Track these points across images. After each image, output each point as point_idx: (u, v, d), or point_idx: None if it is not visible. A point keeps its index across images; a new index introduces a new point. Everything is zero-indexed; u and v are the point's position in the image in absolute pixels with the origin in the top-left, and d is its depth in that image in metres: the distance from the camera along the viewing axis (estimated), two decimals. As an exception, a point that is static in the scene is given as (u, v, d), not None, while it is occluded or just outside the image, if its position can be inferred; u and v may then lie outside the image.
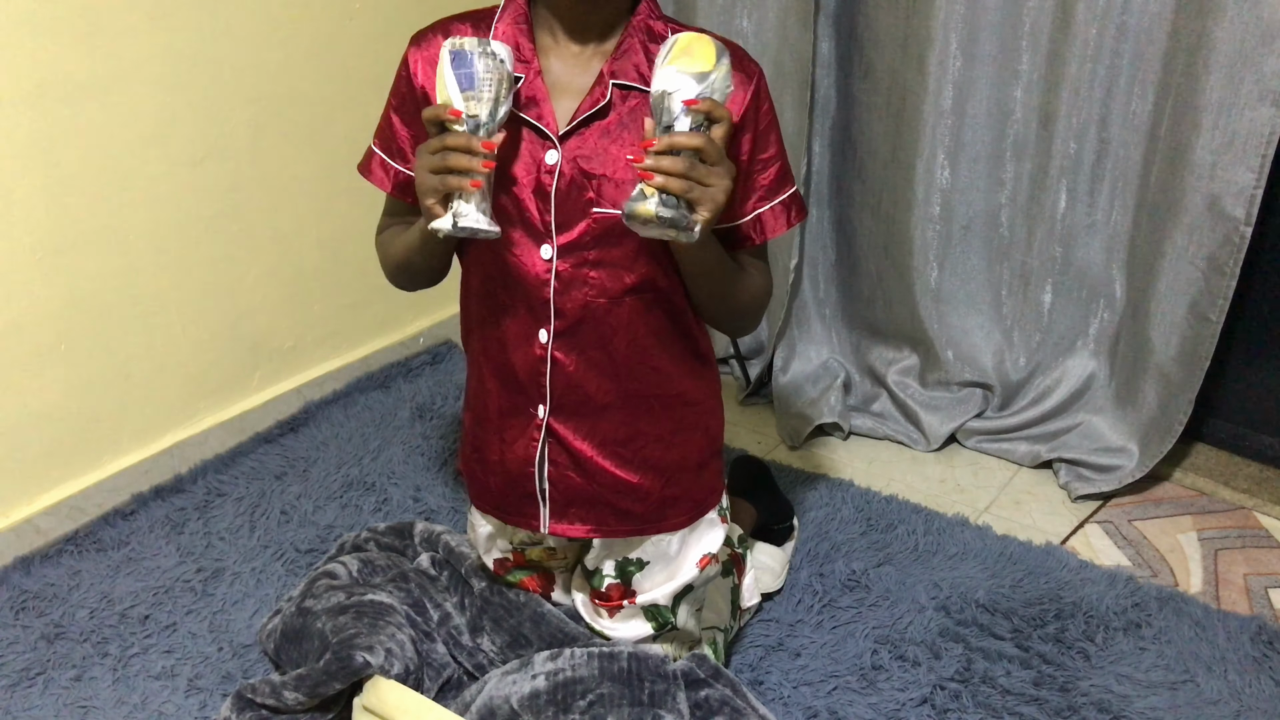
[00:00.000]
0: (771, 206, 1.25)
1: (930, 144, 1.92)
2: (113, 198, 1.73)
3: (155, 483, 1.89)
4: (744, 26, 2.02)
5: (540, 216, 1.20)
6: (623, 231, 1.15)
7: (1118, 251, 1.91)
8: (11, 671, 1.52)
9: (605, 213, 1.18)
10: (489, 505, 1.42)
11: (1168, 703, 1.48)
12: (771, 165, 1.24)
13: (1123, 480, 1.90)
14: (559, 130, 1.18)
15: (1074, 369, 2.02)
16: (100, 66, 1.65)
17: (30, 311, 1.68)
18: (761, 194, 1.24)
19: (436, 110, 1.10)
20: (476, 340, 1.33)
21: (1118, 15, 1.76)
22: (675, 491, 1.34)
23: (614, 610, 1.40)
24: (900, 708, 1.47)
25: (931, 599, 1.65)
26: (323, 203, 2.05)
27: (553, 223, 1.20)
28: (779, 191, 1.25)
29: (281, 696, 1.37)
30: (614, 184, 1.17)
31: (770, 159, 1.24)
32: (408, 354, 2.32)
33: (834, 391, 2.11)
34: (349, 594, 1.49)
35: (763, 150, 1.23)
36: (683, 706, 1.32)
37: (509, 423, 1.33)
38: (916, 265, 2.02)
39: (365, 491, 1.90)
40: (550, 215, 1.19)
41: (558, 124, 1.18)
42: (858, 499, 1.89)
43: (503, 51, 1.11)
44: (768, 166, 1.24)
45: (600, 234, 1.19)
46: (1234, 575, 1.74)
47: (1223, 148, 1.66)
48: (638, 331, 1.25)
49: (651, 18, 1.20)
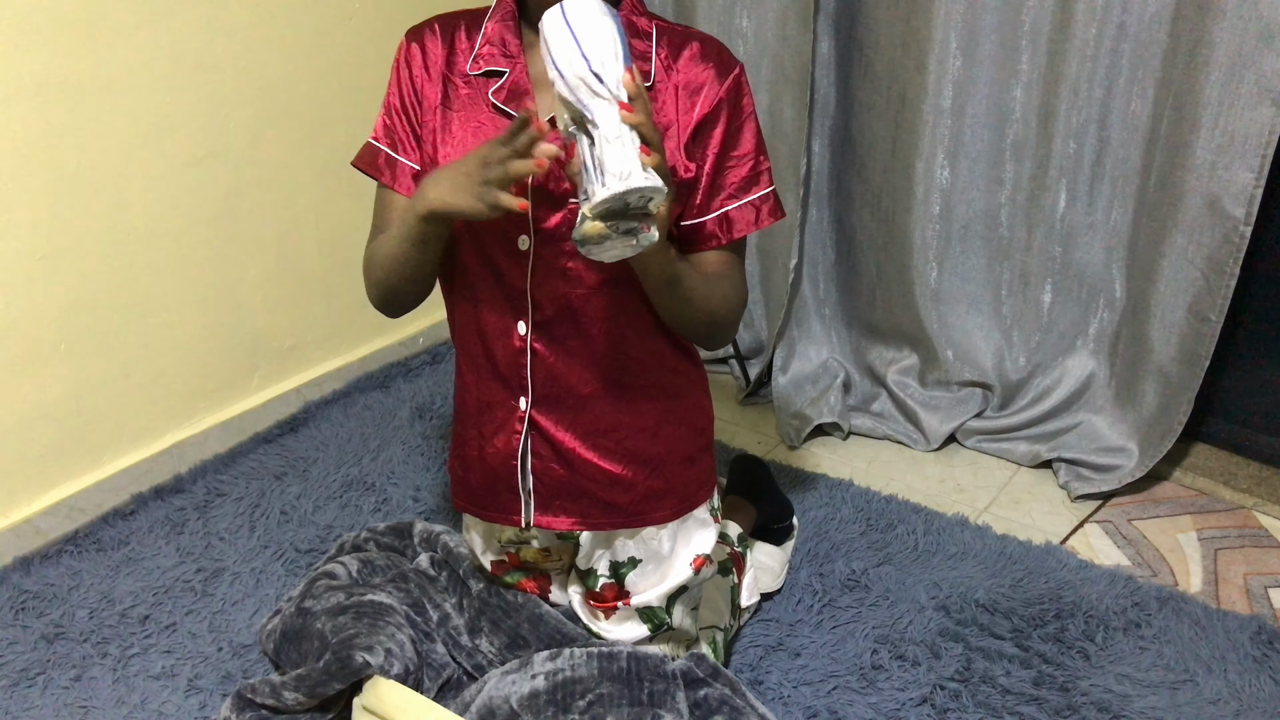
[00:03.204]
0: (740, 205, 1.24)
1: (930, 144, 1.92)
2: (113, 198, 1.73)
3: (155, 483, 1.89)
4: (744, 26, 2.02)
5: None
6: None
7: (1117, 251, 1.91)
8: (11, 671, 1.52)
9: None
10: (468, 502, 1.42)
11: (1168, 702, 1.48)
12: (744, 163, 1.23)
13: (1122, 480, 1.90)
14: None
15: (1074, 369, 2.02)
16: (100, 66, 1.65)
17: (30, 311, 1.68)
18: (730, 191, 1.23)
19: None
20: (459, 336, 1.35)
21: (1117, 15, 1.76)
22: (660, 484, 1.34)
23: (609, 611, 1.41)
24: (900, 707, 1.47)
25: (931, 599, 1.65)
26: (323, 203, 2.05)
27: (530, 213, 1.20)
28: (750, 190, 1.24)
29: (281, 696, 1.37)
30: None
31: (743, 156, 1.23)
32: (407, 354, 2.32)
33: (834, 391, 2.11)
34: (349, 594, 1.49)
35: (734, 147, 1.22)
36: (682, 706, 1.32)
37: (487, 416, 1.34)
38: (916, 265, 2.02)
39: (365, 491, 1.90)
40: (528, 206, 1.20)
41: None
42: (857, 499, 1.89)
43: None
44: (741, 164, 1.23)
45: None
46: (1234, 575, 1.74)
47: (1222, 147, 1.66)
48: (616, 322, 1.25)
49: (634, 13, 1.21)
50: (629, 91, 1.01)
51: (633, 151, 1.00)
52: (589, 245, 1.02)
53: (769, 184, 1.26)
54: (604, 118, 1.01)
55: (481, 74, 1.23)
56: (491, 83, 1.22)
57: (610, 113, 1.01)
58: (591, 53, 1.01)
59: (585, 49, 1.01)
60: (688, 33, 1.23)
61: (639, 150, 1.00)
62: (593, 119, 1.01)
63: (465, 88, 1.24)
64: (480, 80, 1.23)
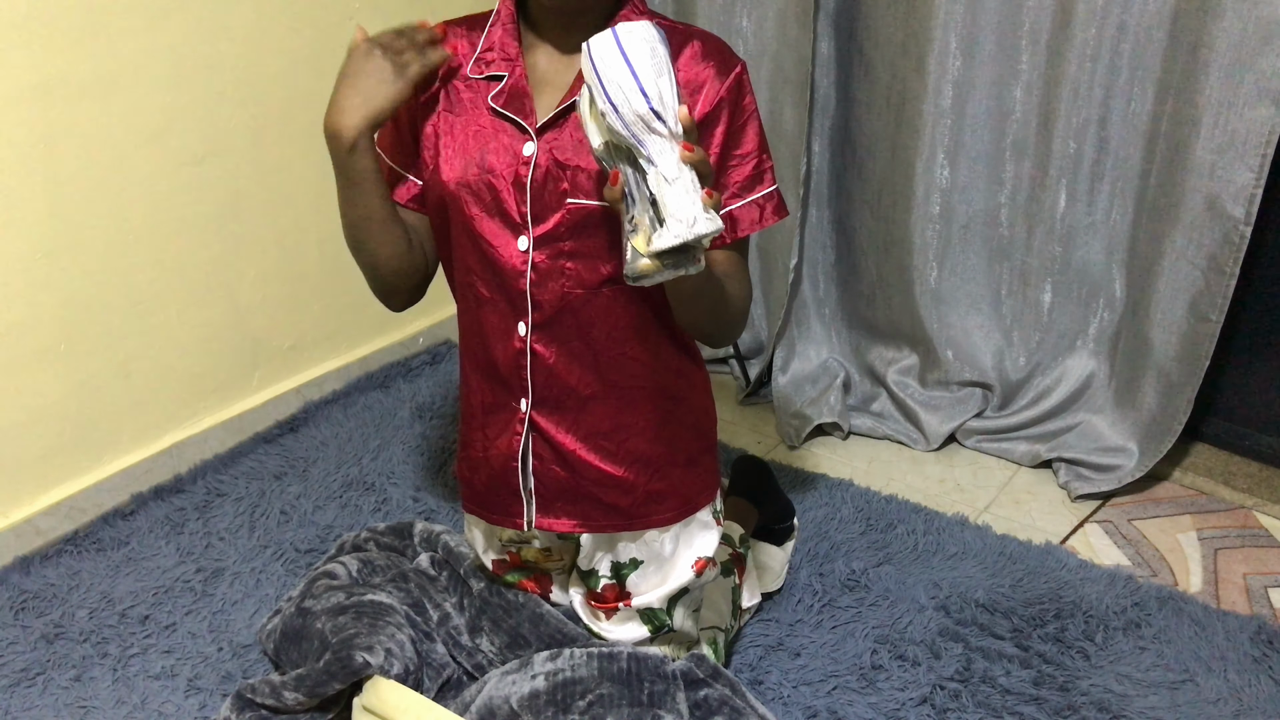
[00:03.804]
0: (744, 204, 1.24)
1: (930, 143, 1.92)
2: (113, 198, 1.73)
3: (155, 483, 1.89)
4: (744, 26, 2.02)
5: (517, 208, 1.21)
6: (598, 222, 1.17)
7: (1117, 251, 1.91)
8: (11, 671, 1.52)
9: (579, 204, 1.19)
10: (474, 504, 1.43)
11: (1168, 702, 1.48)
12: (747, 162, 1.23)
13: (1122, 480, 1.90)
14: (537, 123, 1.20)
15: (1074, 368, 2.02)
16: (100, 66, 1.65)
17: (30, 311, 1.68)
18: (734, 190, 1.23)
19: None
20: (462, 337, 1.35)
21: (1118, 15, 1.76)
22: (662, 486, 1.34)
23: (610, 612, 1.41)
24: (900, 707, 1.47)
25: (931, 599, 1.65)
26: (323, 203, 2.05)
27: (529, 214, 1.21)
28: (753, 189, 1.24)
29: (281, 696, 1.37)
30: (587, 175, 1.18)
31: (746, 155, 1.23)
32: (407, 354, 2.32)
33: (834, 391, 2.11)
34: (349, 594, 1.49)
35: (737, 146, 1.22)
36: (682, 707, 1.32)
37: (492, 418, 1.34)
38: (916, 265, 2.02)
39: (365, 491, 1.90)
40: (526, 206, 1.21)
41: (537, 117, 1.20)
42: (857, 499, 1.89)
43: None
44: (744, 163, 1.23)
45: (575, 225, 1.20)
46: (1234, 575, 1.74)
47: (1222, 147, 1.66)
48: (617, 322, 1.25)
49: (635, 13, 1.22)
50: (685, 126, 1.00)
51: (695, 195, 0.98)
52: (641, 280, 1.01)
53: (772, 182, 1.26)
54: (663, 157, 0.98)
55: (482, 78, 1.23)
56: (492, 87, 1.22)
57: (670, 152, 0.98)
58: (650, 88, 0.97)
59: (644, 84, 0.97)
60: (689, 31, 1.23)
61: (700, 193, 0.99)
62: (649, 155, 0.99)
63: (466, 91, 1.24)
64: (481, 84, 1.23)
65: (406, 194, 1.30)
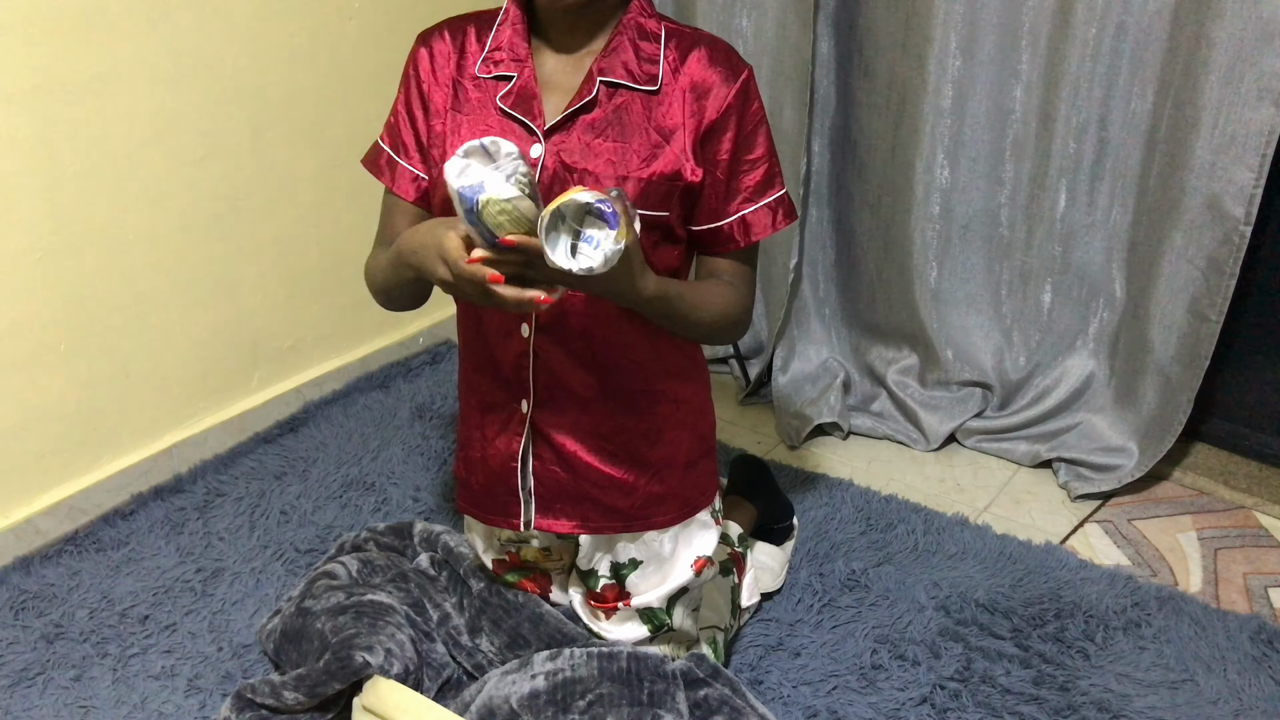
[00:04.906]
0: (757, 208, 1.25)
1: (930, 143, 1.92)
2: (113, 198, 1.73)
3: (155, 483, 1.89)
4: (744, 26, 2.02)
5: None
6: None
7: (1117, 251, 1.91)
8: (11, 671, 1.52)
9: None
10: (470, 505, 1.43)
11: (1168, 702, 1.48)
12: (759, 166, 1.24)
13: (1122, 480, 1.90)
14: (545, 125, 1.20)
15: (1073, 368, 2.02)
16: (100, 66, 1.65)
17: (30, 311, 1.68)
18: (747, 195, 1.24)
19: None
20: (463, 337, 1.35)
21: (1117, 15, 1.76)
22: (662, 489, 1.34)
23: (610, 612, 1.41)
24: (900, 707, 1.47)
25: (931, 598, 1.65)
26: (323, 203, 2.05)
27: None
28: (765, 193, 1.25)
29: (281, 696, 1.37)
30: (594, 178, 1.19)
31: (757, 160, 1.24)
32: (407, 354, 2.32)
33: (833, 391, 2.11)
34: (349, 594, 1.49)
35: (747, 151, 1.23)
36: (682, 706, 1.32)
37: (491, 418, 1.34)
38: (916, 265, 2.02)
39: (365, 491, 1.90)
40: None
41: (545, 120, 1.20)
42: (857, 498, 1.89)
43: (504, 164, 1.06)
44: (755, 167, 1.24)
45: None
46: (1233, 574, 1.74)
47: (1222, 147, 1.66)
48: (620, 325, 1.26)
49: (643, 15, 1.22)
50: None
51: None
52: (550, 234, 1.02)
53: (782, 186, 1.27)
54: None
55: (491, 78, 1.23)
56: (500, 86, 1.22)
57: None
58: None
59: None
60: (697, 35, 1.23)
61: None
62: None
63: (475, 90, 1.24)
64: (489, 83, 1.23)
65: (415, 190, 1.30)
